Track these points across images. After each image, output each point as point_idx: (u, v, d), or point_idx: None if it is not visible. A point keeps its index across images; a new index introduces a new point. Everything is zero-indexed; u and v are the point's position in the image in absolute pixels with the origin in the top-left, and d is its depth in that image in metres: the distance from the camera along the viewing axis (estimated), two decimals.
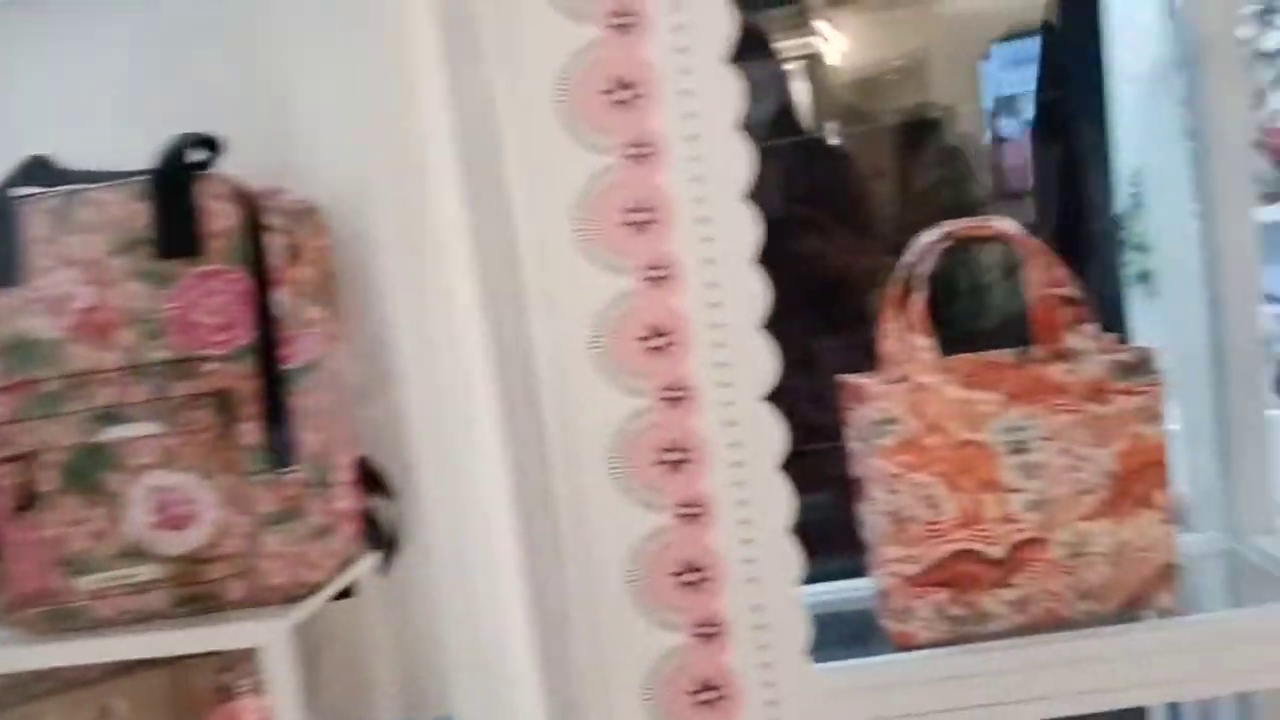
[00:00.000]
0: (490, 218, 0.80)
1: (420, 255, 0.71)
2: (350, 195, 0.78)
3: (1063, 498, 0.90)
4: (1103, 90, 1.37)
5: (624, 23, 0.83)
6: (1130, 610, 0.91)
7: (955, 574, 0.91)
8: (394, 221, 0.72)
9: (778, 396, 0.88)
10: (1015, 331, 0.99)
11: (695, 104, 0.83)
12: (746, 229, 0.84)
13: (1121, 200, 1.38)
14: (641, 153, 0.84)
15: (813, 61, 1.76)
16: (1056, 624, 0.90)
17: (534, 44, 0.83)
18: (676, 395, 0.85)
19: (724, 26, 0.82)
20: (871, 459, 0.92)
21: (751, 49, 1.67)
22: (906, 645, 0.92)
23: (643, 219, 0.85)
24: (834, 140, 1.76)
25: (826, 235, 1.60)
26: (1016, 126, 1.79)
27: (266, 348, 0.69)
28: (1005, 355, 0.95)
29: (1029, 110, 1.78)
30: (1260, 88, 1.42)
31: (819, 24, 1.76)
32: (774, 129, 1.58)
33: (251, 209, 0.71)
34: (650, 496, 0.86)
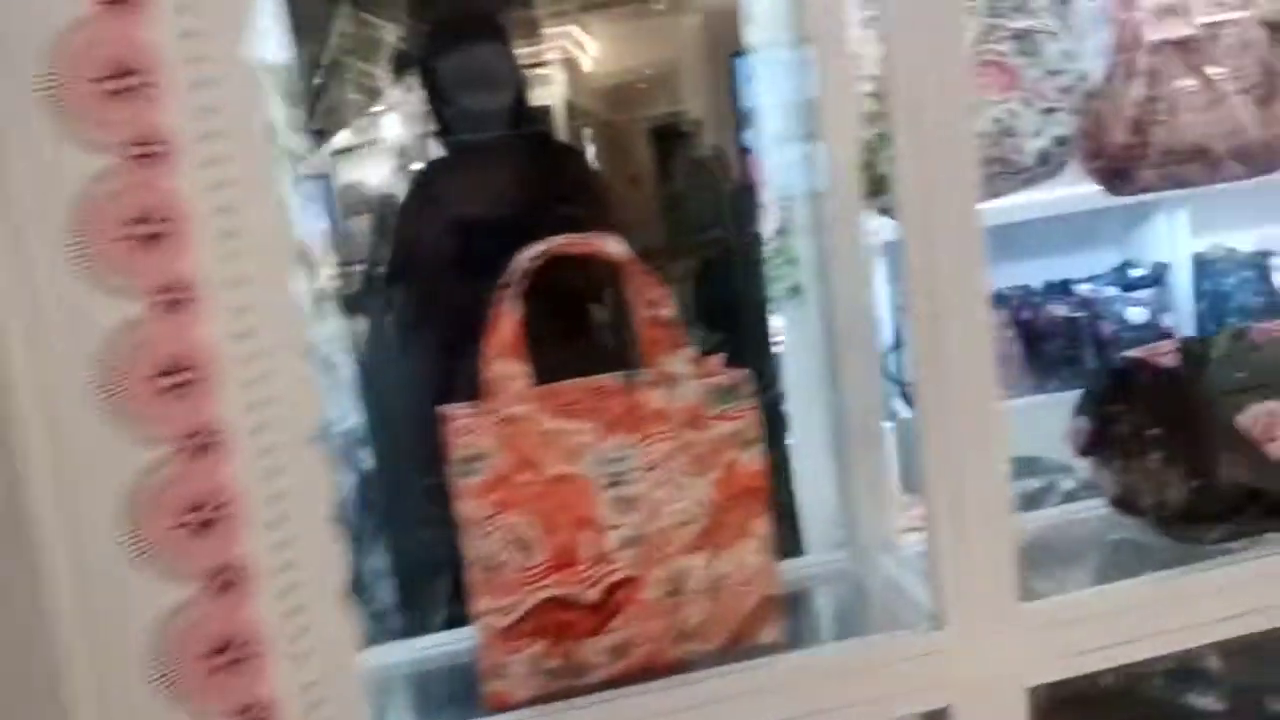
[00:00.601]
0: None
1: None
2: None
3: (660, 532, 0.84)
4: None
5: None
6: (735, 647, 0.86)
7: (549, 623, 0.82)
8: None
9: None
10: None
11: (212, 97, 0.70)
12: (281, 243, 0.72)
13: (774, 216, 1.37)
14: (148, 152, 0.70)
15: (566, 65, 1.68)
16: (660, 669, 0.84)
17: (6, 22, 0.67)
18: (202, 443, 0.72)
19: (241, 10, 0.70)
20: (462, 499, 0.82)
21: (486, 34, 1.55)
22: (502, 706, 0.83)
23: (152, 231, 0.70)
24: (574, 140, 1.68)
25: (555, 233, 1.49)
26: (759, 138, 1.77)
27: None
28: (612, 380, 0.89)
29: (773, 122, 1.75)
30: None
31: (572, 29, 1.69)
32: (507, 122, 1.47)
33: None
34: (175, 566, 0.72)
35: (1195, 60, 1.24)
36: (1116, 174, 1.28)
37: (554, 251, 0.87)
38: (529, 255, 0.87)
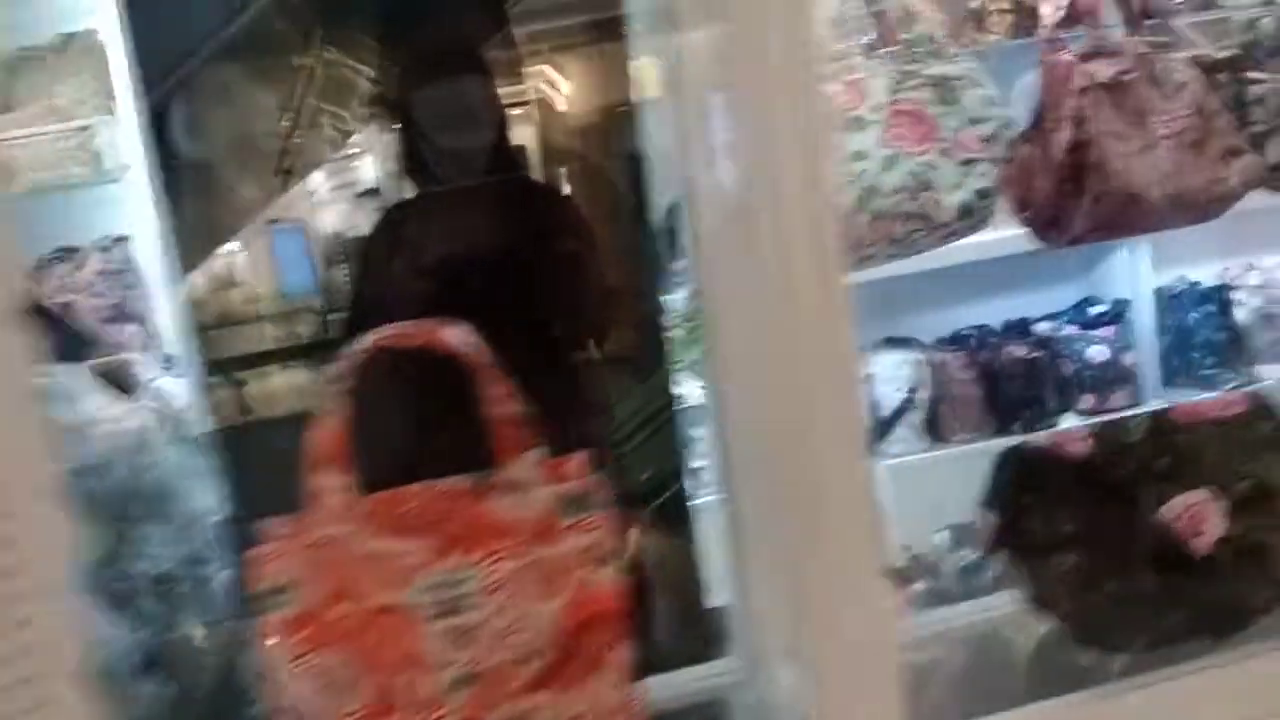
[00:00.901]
0: None
1: None
2: None
3: (500, 668, 0.73)
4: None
5: None
6: None
7: None
8: None
9: None
10: None
11: None
12: (18, 352, 0.61)
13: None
14: None
15: (541, 106, 1.62)
16: None
17: None
18: None
19: None
20: (265, 637, 0.72)
21: (470, 70, 1.47)
22: None
23: None
24: (551, 182, 1.61)
25: (542, 279, 1.40)
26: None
27: None
28: (460, 483, 0.78)
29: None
30: None
31: (546, 70, 1.63)
32: (488, 161, 1.38)
33: None
34: None
35: (1126, 103, 1.16)
36: (1047, 223, 1.20)
37: (381, 344, 0.77)
38: (356, 348, 0.77)
